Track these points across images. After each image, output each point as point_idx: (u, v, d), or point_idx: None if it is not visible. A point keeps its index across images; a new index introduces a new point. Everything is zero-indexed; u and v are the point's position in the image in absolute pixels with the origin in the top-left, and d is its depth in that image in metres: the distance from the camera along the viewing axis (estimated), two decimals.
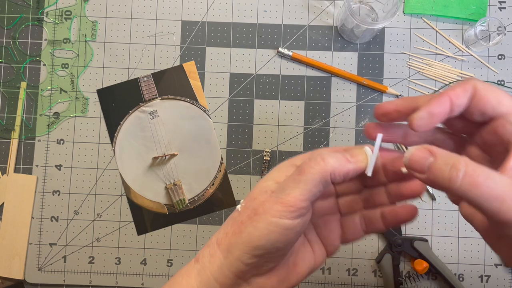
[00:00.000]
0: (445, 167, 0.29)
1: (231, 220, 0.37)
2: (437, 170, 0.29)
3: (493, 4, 0.64)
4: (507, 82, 0.63)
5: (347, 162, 0.34)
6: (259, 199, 0.35)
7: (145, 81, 0.65)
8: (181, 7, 0.66)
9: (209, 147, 0.64)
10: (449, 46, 0.64)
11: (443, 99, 0.33)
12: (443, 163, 0.29)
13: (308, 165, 0.34)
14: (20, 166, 0.65)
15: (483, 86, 0.33)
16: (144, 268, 0.63)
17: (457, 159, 0.29)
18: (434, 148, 0.30)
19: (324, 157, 0.34)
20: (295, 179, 0.34)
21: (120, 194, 0.64)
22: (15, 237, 0.63)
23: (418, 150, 0.30)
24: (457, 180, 0.28)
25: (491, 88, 0.33)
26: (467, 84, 0.33)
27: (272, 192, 0.35)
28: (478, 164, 0.29)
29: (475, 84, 0.33)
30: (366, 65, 0.64)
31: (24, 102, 0.65)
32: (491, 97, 0.32)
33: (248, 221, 0.35)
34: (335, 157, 0.34)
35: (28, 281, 0.63)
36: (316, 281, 0.62)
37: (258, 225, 0.34)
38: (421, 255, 0.60)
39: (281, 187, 0.34)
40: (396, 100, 0.36)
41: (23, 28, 0.66)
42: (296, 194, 0.33)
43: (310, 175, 0.33)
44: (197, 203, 0.64)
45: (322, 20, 0.65)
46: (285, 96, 0.64)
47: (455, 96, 0.33)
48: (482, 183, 0.28)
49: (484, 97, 0.33)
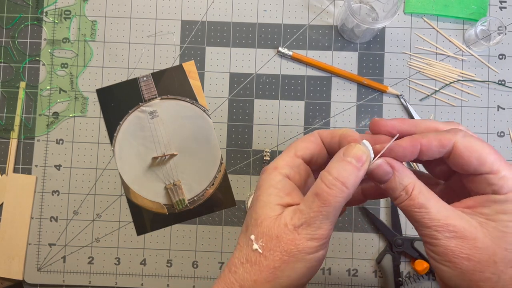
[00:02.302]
0: (398, 186, 0.33)
1: (254, 265, 0.35)
2: (390, 187, 0.34)
3: (493, 4, 0.64)
4: (508, 82, 0.63)
5: (358, 171, 0.34)
6: (285, 237, 0.34)
7: (144, 81, 0.65)
8: (181, 7, 0.65)
9: (209, 147, 0.64)
10: (449, 45, 0.64)
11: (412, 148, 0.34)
12: (398, 181, 0.33)
13: (331, 194, 0.33)
14: (19, 166, 0.65)
15: (463, 144, 0.33)
16: (143, 269, 0.63)
17: (408, 183, 0.33)
18: (396, 164, 0.34)
19: (344, 181, 0.33)
20: (321, 211, 0.33)
21: (119, 194, 0.64)
22: (15, 237, 0.63)
23: (384, 165, 0.34)
24: (402, 199, 0.33)
25: (472, 146, 0.33)
26: (445, 139, 0.33)
27: (295, 228, 0.34)
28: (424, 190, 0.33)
29: (456, 141, 0.33)
30: (366, 64, 0.64)
31: (24, 102, 0.65)
32: (472, 158, 0.32)
33: (283, 265, 0.34)
34: (350, 174, 0.34)
35: (28, 282, 0.63)
36: (316, 282, 0.62)
37: (296, 265, 0.33)
38: (422, 256, 0.60)
39: (305, 221, 0.33)
40: (394, 121, 0.37)
41: (23, 27, 0.66)
42: (327, 226, 0.34)
43: (337, 204, 0.33)
44: (196, 203, 0.64)
45: (322, 20, 0.65)
46: (285, 96, 0.64)
47: (427, 148, 0.33)
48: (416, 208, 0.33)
49: (465, 157, 0.33)
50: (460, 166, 0.33)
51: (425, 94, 0.63)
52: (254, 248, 0.35)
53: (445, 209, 0.33)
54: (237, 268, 0.35)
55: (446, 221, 0.32)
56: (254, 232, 0.35)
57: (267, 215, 0.35)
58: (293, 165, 0.37)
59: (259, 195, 0.36)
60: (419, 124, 0.36)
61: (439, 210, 0.32)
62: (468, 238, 0.31)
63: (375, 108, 0.63)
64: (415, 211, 0.33)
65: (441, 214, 0.32)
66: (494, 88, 0.63)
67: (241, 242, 0.36)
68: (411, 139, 0.34)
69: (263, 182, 0.37)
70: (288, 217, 0.34)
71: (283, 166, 0.37)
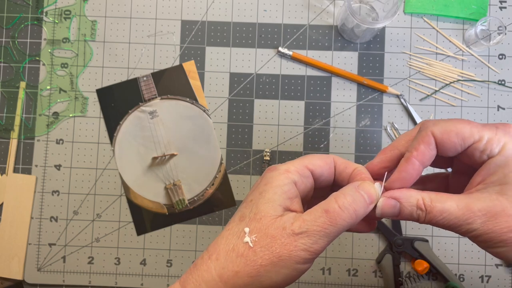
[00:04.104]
0: (411, 209, 0.34)
1: (240, 256, 0.35)
2: (405, 214, 0.35)
3: (493, 4, 0.64)
4: (508, 81, 0.63)
5: (367, 207, 0.35)
6: (280, 240, 0.34)
7: (144, 81, 0.65)
8: (181, 7, 0.65)
9: (208, 147, 0.64)
10: (449, 45, 0.64)
11: (413, 171, 0.35)
12: (408, 205, 0.34)
13: (341, 217, 0.34)
14: (19, 166, 0.65)
15: (439, 130, 0.34)
16: (143, 269, 0.63)
17: (416, 200, 0.34)
18: (397, 193, 0.35)
19: (356, 209, 0.35)
20: (326, 229, 0.34)
21: (119, 194, 0.64)
22: (14, 237, 0.63)
23: (386, 201, 0.35)
24: (422, 217, 0.34)
25: (448, 128, 0.34)
26: (425, 136, 0.34)
27: (293, 234, 0.34)
28: (435, 197, 0.34)
29: (432, 132, 0.34)
30: (366, 64, 0.64)
31: (24, 102, 0.65)
32: (453, 139, 0.34)
33: (269, 266, 0.34)
34: (362, 206, 0.35)
35: (27, 282, 0.63)
36: (316, 282, 0.62)
37: (282, 270, 0.34)
38: (422, 256, 0.60)
39: (306, 231, 0.34)
40: (377, 158, 0.39)
41: (22, 27, 0.66)
42: (325, 244, 0.34)
43: (342, 227, 0.34)
44: (196, 203, 0.63)
45: (322, 20, 0.65)
46: (285, 96, 0.64)
47: (422, 157, 0.35)
48: (438, 216, 0.33)
49: (446, 141, 0.34)
50: (448, 150, 0.34)
51: (425, 94, 0.63)
52: (245, 240, 0.35)
53: (462, 200, 0.33)
54: (219, 255, 0.35)
55: (471, 210, 0.32)
56: (250, 225, 0.35)
57: (268, 213, 0.35)
58: (302, 175, 0.38)
59: (263, 192, 0.36)
60: (396, 145, 0.38)
61: (458, 205, 0.33)
62: (499, 213, 0.32)
63: (375, 108, 0.64)
64: (440, 219, 0.33)
65: (462, 208, 0.33)
66: (494, 88, 0.63)
67: (231, 230, 0.36)
68: (406, 163, 0.35)
69: (271, 180, 0.37)
70: (289, 222, 0.35)
71: (294, 172, 0.37)
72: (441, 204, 0.33)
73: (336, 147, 0.63)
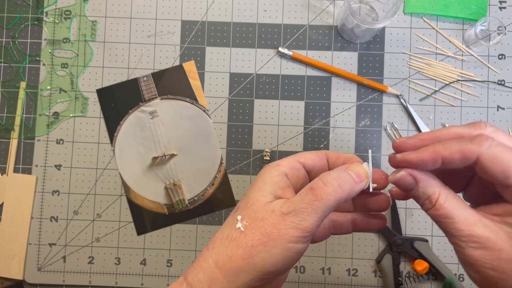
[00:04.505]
0: (423, 196, 0.34)
1: (232, 241, 0.36)
2: (415, 196, 0.35)
3: (493, 4, 0.64)
4: (508, 82, 0.63)
5: (356, 184, 0.36)
6: (269, 220, 0.35)
7: (144, 81, 0.65)
8: (181, 7, 0.65)
9: (208, 147, 0.64)
10: (449, 45, 0.64)
11: (433, 161, 0.33)
12: (422, 191, 0.34)
13: (325, 191, 0.34)
14: (19, 166, 0.65)
15: (488, 157, 0.31)
16: (143, 268, 0.63)
17: (433, 192, 0.34)
18: (419, 175, 0.34)
19: (340, 183, 0.35)
20: (312, 204, 0.34)
21: (119, 194, 0.64)
22: (15, 237, 0.63)
23: (406, 176, 0.34)
24: (427, 207, 0.34)
25: (497, 160, 0.31)
26: (468, 151, 0.32)
27: (282, 214, 0.35)
28: (451, 199, 0.33)
29: (479, 154, 0.32)
30: (366, 65, 0.64)
31: (24, 102, 0.65)
32: (498, 172, 0.31)
33: (260, 246, 0.34)
34: (348, 181, 0.35)
35: (28, 281, 0.63)
36: (316, 282, 0.62)
37: (273, 250, 0.34)
38: (422, 255, 0.60)
39: (294, 210, 0.34)
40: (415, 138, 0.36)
41: (23, 27, 0.66)
42: (314, 220, 0.34)
43: (328, 202, 0.34)
44: (197, 203, 0.64)
45: (322, 20, 0.65)
46: (285, 96, 0.64)
47: (449, 161, 0.33)
48: (441, 217, 0.33)
49: (489, 171, 0.32)
50: (484, 176, 0.33)
51: (425, 94, 0.63)
52: (237, 226, 0.36)
53: (472, 217, 0.32)
54: (215, 244, 0.37)
55: (471, 232, 0.32)
56: (242, 213, 0.37)
57: (258, 199, 0.36)
58: (293, 167, 0.39)
59: (255, 183, 0.38)
60: (440, 136, 0.35)
61: (465, 219, 0.32)
62: (493, 249, 0.31)
63: (375, 108, 0.64)
64: (441, 221, 0.33)
65: (466, 224, 0.32)
66: (493, 88, 0.63)
67: (226, 222, 0.38)
68: (432, 152, 0.33)
69: (261, 174, 0.38)
70: (278, 205, 0.35)
71: (284, 165, 0.38)
72: (451, 209, 0.33)
73: (336, 147, 0.64)
